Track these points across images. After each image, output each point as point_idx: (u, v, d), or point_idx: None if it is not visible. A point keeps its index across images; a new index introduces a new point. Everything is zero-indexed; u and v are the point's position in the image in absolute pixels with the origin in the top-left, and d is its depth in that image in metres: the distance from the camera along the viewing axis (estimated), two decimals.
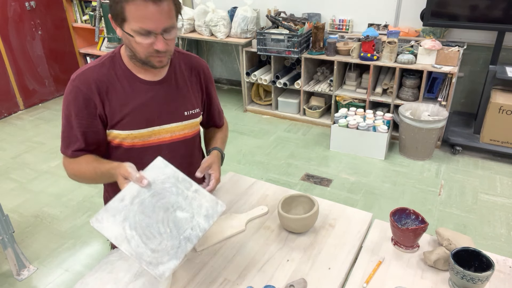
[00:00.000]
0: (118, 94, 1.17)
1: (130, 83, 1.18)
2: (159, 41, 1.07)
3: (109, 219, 0.97)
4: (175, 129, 1.27)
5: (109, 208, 0.99)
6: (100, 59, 1.20)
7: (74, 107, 1.16)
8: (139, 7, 1.01)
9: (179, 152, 1.31)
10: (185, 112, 1.27)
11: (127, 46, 1.13)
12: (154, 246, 0.95)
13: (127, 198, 1.00)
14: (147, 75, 1.20)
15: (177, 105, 1.25)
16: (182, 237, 0.98)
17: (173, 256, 0.95)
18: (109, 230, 0.96)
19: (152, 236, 0.96)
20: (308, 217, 1.24)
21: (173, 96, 1.24)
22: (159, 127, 1.24)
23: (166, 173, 1.05)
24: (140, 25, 1.03)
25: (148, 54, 1.10)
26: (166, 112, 1.24)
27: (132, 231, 0.96)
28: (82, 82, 1.15)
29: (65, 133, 1.20)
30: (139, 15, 1.02)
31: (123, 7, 1.02)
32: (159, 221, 0.98)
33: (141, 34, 1.05)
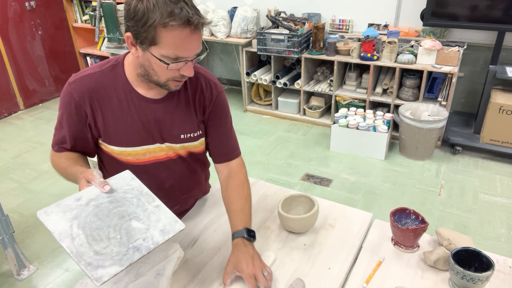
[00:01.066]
0: (113, 108, 1.12)
1: (128, 98, 1.12)
2: (189, 67, 1.02)
3: (58, 214, 0.94)
4: (170, 149, 1.21)
5: (62, 204, 0.96)
6: (101, 65, 1.14)
7: (66, 111, 1.14)
8: (179, 34, 0.94)
9: (177, 170, 1.25)
10: (182, 135, 1.20)
11: (142, 66, 1.05)
12: (99, 249, 0.90)
13: (83, 198, 0.97)
14: (148, 92, 1.13)
15: (174, 126, 1.17)
16: (131, 246, 0.92)
17: (117, 262, 0.89)
18: (55, 224, 0.93)
19: (99, 239, 0.92)
20: (308, 217, 1.24)
21: (171, 117, 1.16)
22: (154, 145, 1.18)
23: (131, 184, 1.03)
24: (175, 52, 0.97)
25: (170, 78, 1.04)
26: (161, 132, 1.17)
27: (79, 230, 0.92)
28: (77, 89, 1.11)
29: (56, 130, 1.19)
30: (176, 43, 0.95)
31: (157, 31, 0.94)
32: (110, 226, 0.94)
33: (171, 60, 0.98)
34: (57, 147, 1.20)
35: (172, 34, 0.94)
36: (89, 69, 1.14)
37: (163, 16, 0.92)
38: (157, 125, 1.16)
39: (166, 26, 0.93)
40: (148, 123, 1.15)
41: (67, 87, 1.13)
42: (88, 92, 1.11)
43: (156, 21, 0.93)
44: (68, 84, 1.13)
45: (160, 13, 0.92)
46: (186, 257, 1.20)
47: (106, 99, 1.11)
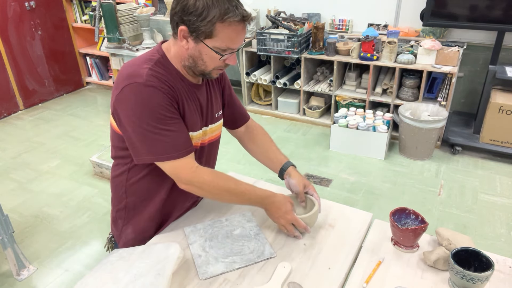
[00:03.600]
0: (180, 95, 1.15)
1: (183, 85, 1.18)
2: (233, 57, 1.14)
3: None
4: (213, 130, 1.32)
5: None
6: (149, 60, 1.12)
7: (164, 107, 1.08)
8: (235, 29, 1.06)
9: (213, 152, 1.37)
10: (216, 114, 1.31)
11: (190, 57, 1.12)
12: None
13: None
14: (193, 79, 1.21)
15: (212, 107, 1.29)
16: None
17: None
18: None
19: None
20: (307, 217, 1.24)
21: (210, 98, 1.28)
22: (206, 127, 1.28)
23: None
24: (230, 45, 1.08)
25: (215, 67, 1.14)
26: (208, 114, 1.27)
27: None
28: (158, 81, 1.08)
29: (168, 138, 1.09)
30: (231, 37, 1.07)
31: (215, 26, 1.04)
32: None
33: (223, 51, 1.09)
34: (186, 150, 1.13)
35: (229, 29, 1.06)
36: (142, 65, 1.11)
37: (221, 12, 1.03)
38: (205, 107, 1.26)
39: (225, 21, 1.04)
40: (201, 106, 1.24)
41: (145, 86, 1.06)
42: (164, 82, 1.10)
43: (215, 17, 1.03)
44: (143, 84, 1.06)
45: (219, 10, 1.03)
46: (186, 257, 1.20)
47: (174, 88, 1.14)
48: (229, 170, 1.73)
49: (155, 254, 1.13)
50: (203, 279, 1.12)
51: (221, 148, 3.59)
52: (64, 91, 4.91)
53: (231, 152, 3.45)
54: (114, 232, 1.39)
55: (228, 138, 1.58)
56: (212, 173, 1.19)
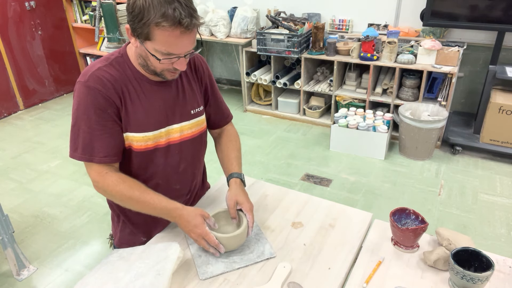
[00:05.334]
0: (131, 95, 1.15)
1: (141, 84, 1.17)
2: (181, 62, 1.08)
3: None
4: (184, 128, 1.26)
5: None
6: (105, 60, 1.15)
7: (94, 109, 1.10)
8: (170, 34, 1.00)
9: (188, 151, 1.30)
10: (192, 111, 1.27)
11: (140, 56, 1.11)
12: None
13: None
14: (155, 77, 1.18)
15: (184, 104, 1.25)
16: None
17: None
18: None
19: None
20: (224, 238, 1.16)
21: (180, 96, 1.24)
22: (170, 127, 1.23)
23: None
24: (167, 49, 1.03)
25: (164, 70, 1.10)
26: (175, 112, 1.23)
27: None
28: (98, 82, 1.10)
29: (86, 140, 1.12)
30: (168, 42, 1.01)
31: (150, 29, 1.00)
32: None
33: (164, 55, 1.05)
34: (97, 158, 1.13)
35: (164, 34, 1.00)
36: (96, 64, 1.14)
37: (156, 15, 0.97)
38: (172, 105, 1.22)
39: (159, 26, 0.99)
40: (163, 104, 1.20)
41: (85, 85, 1.10)
42: (109, 83, 1.11)
43: (150, 20, 0.98)
44: (85, 83, 1.10)
45: (154, 13, 0.97)
46: (186, 257, 1.20)
47: (125, 87, 1.14)
48: None
49: (155, 254, 1.13)
50: (203, 279, 1.12)
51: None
52: (64, 91, 4.91)
53: None
54: (112, 229, 1.43)
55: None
56: (120, 179, 1.14)
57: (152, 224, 1.33)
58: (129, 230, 1.37)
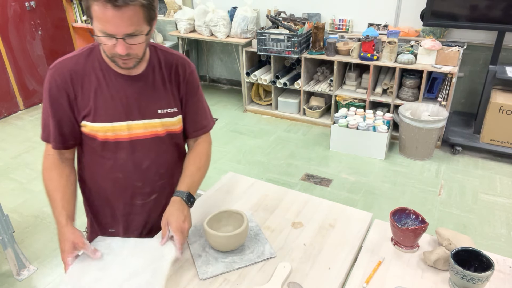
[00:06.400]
0: (92, 85, 1.17)
1: (105, 75, 1.18)
2: (120, 45, 1.05)
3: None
4: (148, 125, 1.24)
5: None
6: (79, 50, 1.21)
7: (49, 96, 1.17)
8: (100, 9, 0.99)
9: (153, 149, 1.27)
10: (159, 110, 1.24)
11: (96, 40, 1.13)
12: None
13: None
14: (123, 70, 1.17)
15: (151, 102, 1.23)
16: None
17: None
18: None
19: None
20: (230, 236, 1.16)
21: (148, 93, 1.22)
22: (132, 122, 1.21)
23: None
24: (101, 27, 1.02)
25: (112, 54, 1.09)
26: (139, 108, 1.21)
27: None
28: (58, 72, 1.16)
29: (44, 120, 1.22)
30: (101, 17, 1.01)
31: (89, 5, 1.02)
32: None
33: (103, 34, 1.04)
34: (52, 142, 1.22)
35: (96, 9, 1.00)
36: (67, 55, 1.21)
37: None
38: (136, 100, 1.21)
39: (93, 1, 1.00)
40: (127, 98, 1.20)
41: (48, 73, 1.18)
42: (68, 73, 1.16)
43: None
44: (49, 70, 1.18)
45: None
46: (186, 257, 1.20)
47: (86, 78, 1.17)
48: (229, 170, 1.73)
49: (149, 252, 1.13)
50: (203, 279, 1.12)
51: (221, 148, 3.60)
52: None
53: (231, 152, 3.45)
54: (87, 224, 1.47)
55: (228, 138, 1.57)
56: (53, 165, 1.22)
57: (119, 219, 1.35)
58: (96, 226, 1.40)
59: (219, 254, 1.20)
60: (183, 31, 4.17)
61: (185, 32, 4.18)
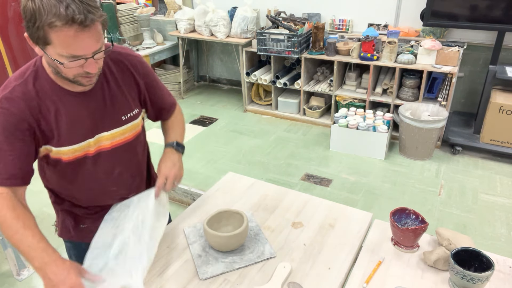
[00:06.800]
0: (50, 110, 1.08)
1: (60, 97, 1.09)
2: (90, 64, 1.00)
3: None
4: (115, 135, 1.20)
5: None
6: (20, 76, 1.08)
7: (4, 131, 1.04)
8: (66, 34, 0.92)
9: (121, 157, 1.25)
10: (123, 117, 1.21)
11: (50, 64, 1.04)
12: None
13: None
14: (76, 87, 1.10)
15: (113, 111, 1.18)
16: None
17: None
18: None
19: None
20: (230, 236, 1.16)
21: (108, 103, 1.17)
22: (99, 135, 1.17)
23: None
24: (68, 51, 0.95)
25: (77, 75, 1.02)
26: (103, 120, 1.17)
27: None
28: (10, 103, 1.04)
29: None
30: (66, 42, 0.93)
31: (45, 32, 0.92)
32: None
33: (69, 59, 0.96)
34: (1, 179, 1.07)
35: (59, 35, 0.92)
36: (11, 82, 1.07)
37: (48, 16, 0.90)
38: (98, 114, 1.16)
39: (52, 27, 0.91)
40: (89, 115, 1.14)
41: None
42: (23, 102, 1.05)
43: (42, 22, 0.91)
44: None
45: (46, 13, 0.90)
46: (186, 257, 1.20)
47: (42, 104, 1.07)
48: (229, 170, 1.73)
49: (151, 202, 1.22)
50: (203, 279, 1.12)
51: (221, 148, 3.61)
52: None
53: (231, 152, 3.45)
54: (56, 219, 1.42)
55: (228, 138, 1.57)
56: (11, 204, 1.06)
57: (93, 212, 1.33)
58: (68, 221, 1.36)
59: (219, 254, 1.19)
60: (183, 31, 4.17)
61: (185, 32, 4.19)
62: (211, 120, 4.08)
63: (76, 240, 1.36)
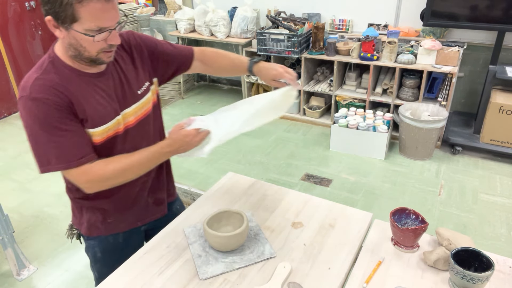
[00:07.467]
0: (76, 94, 1.12)
1: (82, 80, 1.14)
2: (114, 35, 1.07)
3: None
4: (136, 109, 1.26)
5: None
6: (39, 68, 1.12)
7: (50, 118, 1.07)
8: (95, 7, 0.99)
9: (146, 129, 1.30)
10: (138, 91, 1.26)
11: (71, 46, 1.08)
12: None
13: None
14: (92, 69, 1.16)
15: (129, 87, 1.23)
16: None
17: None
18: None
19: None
20: (228, 236, 1.16)
21: (123, 80, 1.22)
22: (124, 112, 1.22)
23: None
24: (97, 23, 1.01)
25: (100, 50, 1.08)
26: (124, 97, 1.22)
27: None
28: (42, 91, 1.07)
29: (56, 149, 1.09)
30: (95, 15, 1.00)
31: (74, 8, 0.98)
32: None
33: (96, 32, 1.03)
34: (75, 161, 1.11)
35: (87, 8, 0.99)
36: (32, 75, 1.10)
37: None
38: (119, 93, 1.21)
39: (80, 1, 0.98)
40: (110, 94, 1.18)
41: (30, 99, 1.07)
42: (52, 88, 1.08)
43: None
44: (28, 97, 1.07)
45: None
46: (186, 257, 1.20)
47: (68, 89, 1.11)
48: (229, 170, 1.73)
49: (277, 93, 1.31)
50: (203, 279, 1.12)
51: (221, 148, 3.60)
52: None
53: (231, 152, 3.45)
54: (74, 220, 1.43)
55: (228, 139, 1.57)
56: (102, 162, 1.15)
57: (120, 204, 1.34)
58: (95, 217, 1.35)
59: (219, 254, 1.20)
60: (183, 31, 4.17)
61: (185, 32, 4.18)
62: None
63: (104, 234, 1.37)
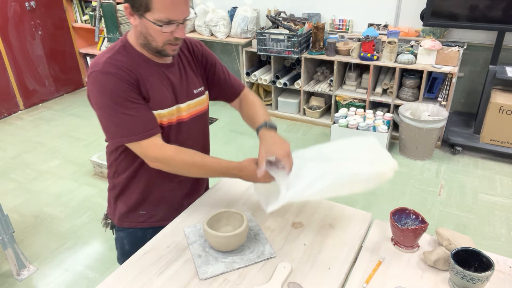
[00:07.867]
0: (142, 76, 1.20)
1: (148, 67, 1.21)
2: (181, 29, 1.13)
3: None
4: (190, 106, 1.32)
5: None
6: (111, 50, 1.20)
7: (122, 91, 1.14)
8: None
9: (195, 128, 1.37)
10: (194, 90, 1.33)
11: (141, 34, 1.16)
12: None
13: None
14: (159, 59, 1.24)
15: (188, 84, 1.31)
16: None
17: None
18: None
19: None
20: (228, 236, 1.16)
21: (183, 76, 1.31)
22: (179, 105, 1.29)
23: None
24: (167, 15, 1.08)
25: (166, 42, 1.15)
26: (182, 91, 1.29)
27: None
28: (114, 67, 1.14)
29: (131, 120, 1.15)
30: (166, 7, 1.07)
31: None
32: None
33: (165, 23, 1.10)
34: (148, 133, 1.17)
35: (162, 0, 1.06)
36: (104, 54, 1.18)
37: None
38: (178, 85, 1.28)
39: None
40: (171, 84, 1.26)
41: (102, 73, 1.13)
42: (123, 67, 1.15)
43: None
44: (101, 71, 1.13)
45: None
46: (186, 257, 1.20)
47: (135, 70, 1.18)
48: None
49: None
50: (203, 279, 1.12)
51: (221, 148, 3.61)
52: (64, 91, 4.91)
53: (231, 152, 3.45)
54: (108, 210, 1.46)
55: (228, 138, 1.58)
56: (177, 149, 1.22)
57: (152, 198, 1.38)
58: (127, 207, 1.39)
59: (219, 254, 1.19)
60: None
61: (185, 32, 4.18)
62: (211, 120, 4.08)
63: (135, 226, 1.41)
